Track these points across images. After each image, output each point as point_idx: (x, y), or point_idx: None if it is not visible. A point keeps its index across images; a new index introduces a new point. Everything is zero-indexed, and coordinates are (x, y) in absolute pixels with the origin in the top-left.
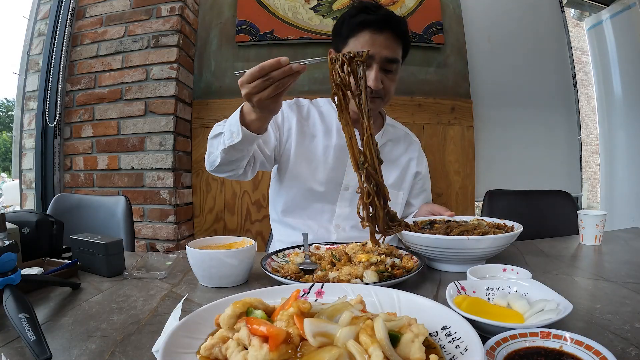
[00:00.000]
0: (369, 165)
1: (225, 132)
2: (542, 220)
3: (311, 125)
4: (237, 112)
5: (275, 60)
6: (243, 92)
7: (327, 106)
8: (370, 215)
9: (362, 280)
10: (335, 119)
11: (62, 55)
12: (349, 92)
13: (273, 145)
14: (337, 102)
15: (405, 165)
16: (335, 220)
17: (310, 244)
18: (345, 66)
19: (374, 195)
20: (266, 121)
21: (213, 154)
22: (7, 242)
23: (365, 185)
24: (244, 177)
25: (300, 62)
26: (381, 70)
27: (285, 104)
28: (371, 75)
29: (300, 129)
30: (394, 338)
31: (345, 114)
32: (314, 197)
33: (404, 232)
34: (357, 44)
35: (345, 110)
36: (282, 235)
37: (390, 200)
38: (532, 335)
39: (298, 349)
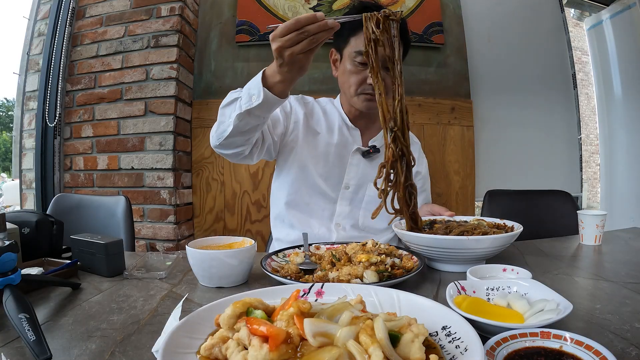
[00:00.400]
0: (397, 129)
1: (242, 96)
2: (542, 220)
3: (315, 121)
4: (258, 75)
5: (311, 15)
6: (275, 45)
7: (329, 105)
8: (391, 182)
9: (362, 280)
10: (337, 117)
11: (62, 55)
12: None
13: (280, 131)
14: (369, 58)
15: None
16: (336, 218)
17: (310, 244)
18: (379, 24)
19: (398, 159)
20: (290, 84)
21: (224, 122)
22: (7, 242)
23: (391, 145)
24: (249, 160)
25: (336, 19)
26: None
27: (292, 98)
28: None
29: (306, 123)
30: (394, 338)
31: (376, 67)
32: (315, 193)
33: (404, 232)
34: (359, 43)
35: (376, 63)
36: (281, 234)
37: (414, 165)
38: (532, 335)
39: (298, 349)
